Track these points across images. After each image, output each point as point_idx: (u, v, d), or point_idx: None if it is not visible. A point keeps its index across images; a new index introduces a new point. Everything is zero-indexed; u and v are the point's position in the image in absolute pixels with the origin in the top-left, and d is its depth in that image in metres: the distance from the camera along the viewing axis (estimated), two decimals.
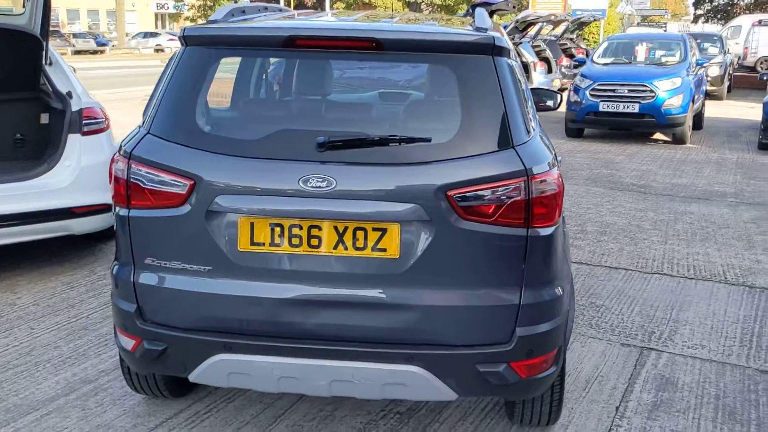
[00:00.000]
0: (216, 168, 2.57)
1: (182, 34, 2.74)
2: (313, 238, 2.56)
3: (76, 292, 4.72)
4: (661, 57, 12.49)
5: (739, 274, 5.27)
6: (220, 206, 2.56)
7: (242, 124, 2.82)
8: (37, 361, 3.77)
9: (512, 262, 2.57)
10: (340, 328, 2.62)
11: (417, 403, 3.38)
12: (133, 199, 2.67)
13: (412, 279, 2.55)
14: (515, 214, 2.53)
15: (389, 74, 3.00)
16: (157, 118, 2.69)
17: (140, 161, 2.64)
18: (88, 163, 4.81)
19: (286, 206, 2.53)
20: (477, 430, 3.20)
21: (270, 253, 2.59)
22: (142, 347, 2.76)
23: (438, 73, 2.84)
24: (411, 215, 2.50)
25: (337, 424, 3.22)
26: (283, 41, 2.65)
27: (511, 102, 2.60)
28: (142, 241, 2.70)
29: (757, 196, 7.83)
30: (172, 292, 2.68)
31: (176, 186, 2.59)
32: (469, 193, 2.50)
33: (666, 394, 3.53)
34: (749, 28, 31.58)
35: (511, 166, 2.52)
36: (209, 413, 3.30)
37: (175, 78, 2.71)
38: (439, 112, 2.78)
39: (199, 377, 2.75)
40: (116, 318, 2.88)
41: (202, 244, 2.61)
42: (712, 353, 3.98)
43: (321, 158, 2.51)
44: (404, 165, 2.52)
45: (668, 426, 3.25)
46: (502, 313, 2.60)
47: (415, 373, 2.60)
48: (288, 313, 2.62)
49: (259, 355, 2.65)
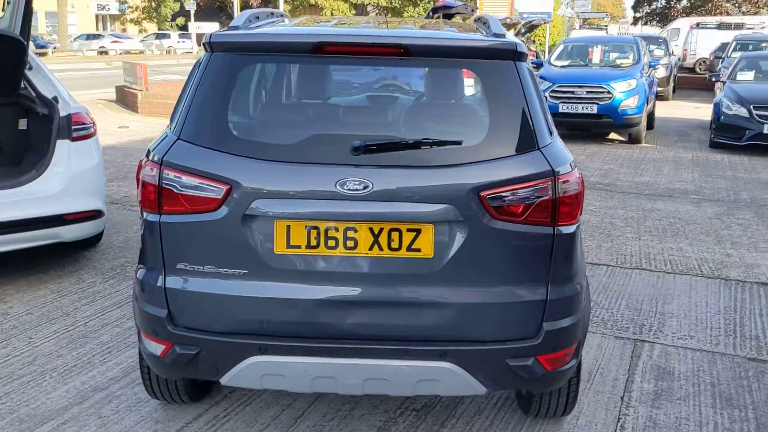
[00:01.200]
0: (253, 172, 2.60)
1: (208, 41, 2.76)
2: (349, 239, 2.62)
3: (68, 300, 4.65)
4: (615, 59, 12.88)
5: (713, 267, 5.52)
6: (258, 210, 2.60)
7: (275, 129, 2.86)
8: (41, 370, 3.72)
9: (539, 259, 2.68)
10: (374, 327, 2.68)
11: (432, 399, 3.46)
12: (165, 205, 2.69)
13: (445, 278, 2.64)
14: (543, 213, 2.64)
15: (415, 79, 3.08)
16: (187, 124, 2.70)
17: (173, 167, 2.66)
18: (78, 169, 4.74)
19: (324, 209, 2.59)
20: (493, 424, 3.30)
21: (306, 256, 2.64)
22: (174, 352, 2.77)
23: (462, 77, 2.92)
24: (445, 216, 2.59)
25: (356, 423, 3.28)
26: (313, 47, 2.70)
27: (533, 105, 2.71)
28: (174, 246, 2.71)
29: (716, 193, 8.17)
30: (206, 296, 2.70)
31: (212, 191, 2.62)
32: (500, 194, 2.59)
33: (665, 383, 3.70)
34: (687, 30, 32.71)
35: (538, 167, 2.63)
36: (228, 416, 3.31)
37: (203, 84, 2.73)
38: (467, 115, 2.87)
39: (232, 380, 2.78)
40: (143, 323, 2.87)
41: (238, 248, 2.64)
42: (701, 343, 4.18)
43: (356, 161, 2.58)
44: (437, 167, 2.60)
45: (672, 413, 3.41)
46: (530, 309, 2.70)
47: (448, 369, 2.68)
48: (323, 313, 2.67)
49: (294, 356, 2.69)
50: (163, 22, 50.70)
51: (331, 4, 63.23)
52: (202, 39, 2.85)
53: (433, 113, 3.10)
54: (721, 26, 31.76)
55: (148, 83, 15.09)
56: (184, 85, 2.89)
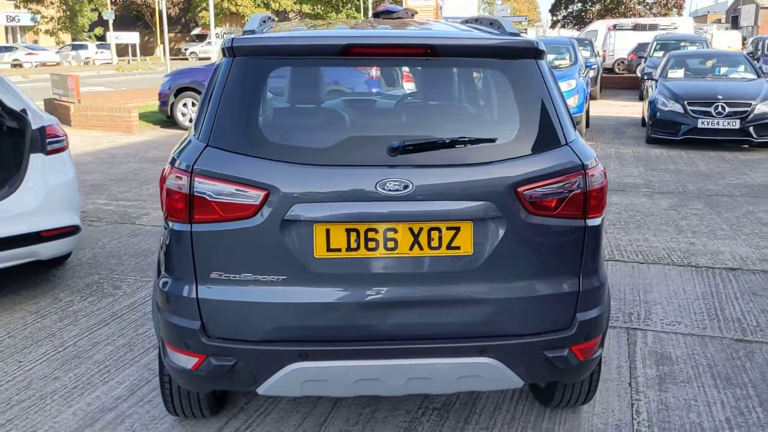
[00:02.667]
0: (291, 177, 2.57)
1: (230, 45, 2.71)
2: (390, 240, 2.62)
3: (49, 320, 4.45)
4: (553, 60, 13.24)
5: (682, 256, 5.76)
6: (297, 215, 2.56)
7: (309, 132, 2.82)
8: (40, 394, 3.55)
9: (572, 251, 2.75)
10: (415, 327, 2.69)
11: (450, 397, 3.49)
12: (197, 214, 2.62)
13: (484, 274, 2.67)
14: (574, 207, 2.70)
15: (442, 78, 3.09)
16: (215, 130, 2.65)
17: (205, 174, 2.59)
18: (54, 184, 4.54)
19: (364, 210, 2.58)
20: (515, 417, 3.35)
21: (346, 258, 2.62)
22: (209, 364, 2.70)
23: (488, 76, 2.97)
24: (483, 213, 2.62)
25: (381, 426, 3.27)
26: (340, 49, 2.69)
27: (557, 101, 2.78)
28: (206, 256, 2.64)
29: (664, 186, 8.51)
30: (243, 304, 2.65)
31: (249, 197, 2.57)
32: (536, 189, 2.64)
33: (666, 367, 3.83)
34: (605, 32, 33.98)
35: (569, 162, 2.69)
36: (251, 428, 3.25)
37: (228, 90, 2.67)
38: (497, 113, 2.91)
39: (270, 389, 2.73)
40: (170, 336, 2.79)
41: (276, 254, 2.60)
42: (689, 328, 4.35)
43: (393, 162, 2.58)
44: (474, 165, 2.63)
45: (680, 395, 3.54)
46: (564, 301, 2.76)
47: (489, 364, 2.71)
48: (365, 315, 2.66)
49: (337, 361, 2.67)
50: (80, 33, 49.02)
51: (253, 11, 62.77)
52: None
53: (462, 112, 3.13)
54: (636, 28, 33.16)
55: (80, 95, 14.58)
56: (206, 90, 2.83)
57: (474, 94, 3.08)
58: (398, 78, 4.34)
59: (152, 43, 63.94)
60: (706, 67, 13.28)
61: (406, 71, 4.73)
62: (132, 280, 5.18)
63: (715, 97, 11.09)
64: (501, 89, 2.82)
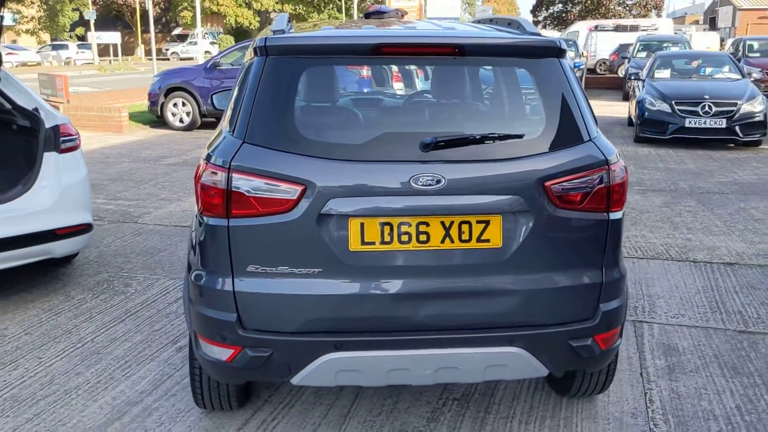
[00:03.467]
0: (327, 172, 2.64)
1: (263, 45, 2.77)
2: (422, 234, 2.70)
3: (64, 318, 4.49)
4: None
5: (680, 251, 5.90)
6: (333, 209, 2.64)
7: (343, 129, 2.90)
8: (64, 389, 3.59)
9: (596, 244, 2.85)
10: (446, 318, 2.77)
11: (469, 388, 3.58)
12: (235, 208, 2.68)
13: (512, 266, 2.76)
14: (598, 201, 2.81)
15: (468, 76, 3.18)
16: (251, 127, 2.71)
17: (243, 170, 2.66)
18: (69, 182, 4.58)
19: (398, 204, 2.66)
20: (533, 407, 3.45)
21: (380, 252, 2.70)
22: (245, 355, 2.76)
23: (513, 74, 3.06)
24: (512, 206, 2.71)
25: (405, 416, 3.35)
26: (371, 48, 2.77)
27: (580, 99, 2.88)
28: (243, 249, 2.71)
29: (656, 184, 8.68)
30: (280, 297, 2.72)
31: (286, 192, 2.64)
32: (562, 184, 2.74)
33: (674, 358, 3.95)
34: (586, 33, 34.32)
35: (594, 157, 2.79)
36: (276, 420, 3.31)
37: (263, 88, 2.74)
38: (523, 110, 3.00)
39: (305, 379, 2.80)
40: (204, 329, 2.85)
41: (312, 247, 2.68)
42: (693, 320, 4.48)
43: (426, 158, 2.66)
44: (504, 160, 2.72)
45: (691, 385, 3.66)
46: (589, 292, 2.86)
47: (516, 354, 2.80)
48: (398, 307, 2.74)
49: (370, 351, 2.75)
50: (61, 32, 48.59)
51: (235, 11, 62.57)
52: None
53: (489, 109, 3.22)
54: (617, 29, 33.55)
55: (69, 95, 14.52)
56: (238, 88, 2.89)
57: (499, 92, 3.17)
58: (388, 78, 4.44)
59: (132, 43, 63.51)
60: (692, 67, 13.51)
61: (396, 71, 4.88)
62: (142, 278, 5.22)
63: (702, 97, 11.30)
64: (525, 87, 2.92)
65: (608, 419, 3.35)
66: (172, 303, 4.73)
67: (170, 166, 9.83)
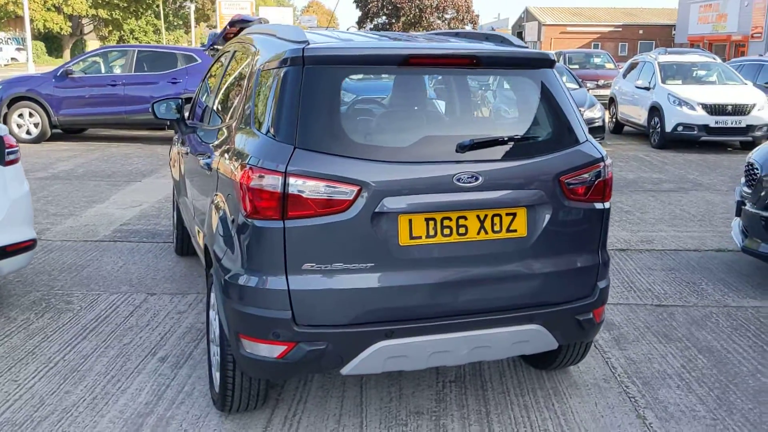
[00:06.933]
0: (379, 173, 2.86)
1: (302, 54, 2.94)
2: (461, 227, 3.00)
3: (18, 339, 4.24)
4: None
5: None
6: (386, 207, 2.87)
7: (388, 133, 3.11)
8: (62, 408, 3.47)
9: (595, 230, 3.30)
10: (479, 302, 3.09)
11: (459, 370, 3.90)
12: (291, 211, 2.82)
13: (534, 253, 3.13)
14: (597, 192, 3.26)
15: (482, 86, 3.49)
16: (300, 133, 2.87)
17: (300, 174, 2.81)
18: (16, 196, 4.32)
19: (442, 200, 2.94)
20: (521, 381, 3.84)
21: (426, 245, 2.96)
22: (300, 350, 2.90)
23: (519, 83, 3.42)
24: (536, 199, 3.09)
25: (415, 399, 3.61)
26: (401, 59, 3.03)
27: (573, 105, 3.32)
28: (299, 249, 2.85)
29: None
30: (334, 292, 2.89)
31: (343, 193, 2.83)
32: (574, 178, 3.16)
33: (615, 331, 4.53)
34: None
35: (595, 155, 3.24)
36: (297, 415, 3.44)
37: (305, 96, 2.91)
38: (533, 114, 3.36)
39: (356, 368, 2.98)
40: (252, 329, 2.94)
41: (366, 244, 2.88)
42: (616, 299, 5.11)
43: (463, 158, 2.97)
44: (527, 159, 3.09)
45: (639, 351, 4.23)
46: (590, 271, 3.30)
47: (537, 330, 3.18)
48: (440, 295, 3.01)
49: (416, 337, 2.99)
50: None
51: (43, 15, 58.39)
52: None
53: (504, 114, 3.56)
54: None
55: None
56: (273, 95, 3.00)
57: (510, 99, 3.53)
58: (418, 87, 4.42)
59: None
60: None
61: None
62: (81, 294, 5.01)
63: None
64: (530, 94, 3.30)
65: (587, 386, 3.81)
66: (129, 317, 4.62)
67: (42, 180, 9.26)
